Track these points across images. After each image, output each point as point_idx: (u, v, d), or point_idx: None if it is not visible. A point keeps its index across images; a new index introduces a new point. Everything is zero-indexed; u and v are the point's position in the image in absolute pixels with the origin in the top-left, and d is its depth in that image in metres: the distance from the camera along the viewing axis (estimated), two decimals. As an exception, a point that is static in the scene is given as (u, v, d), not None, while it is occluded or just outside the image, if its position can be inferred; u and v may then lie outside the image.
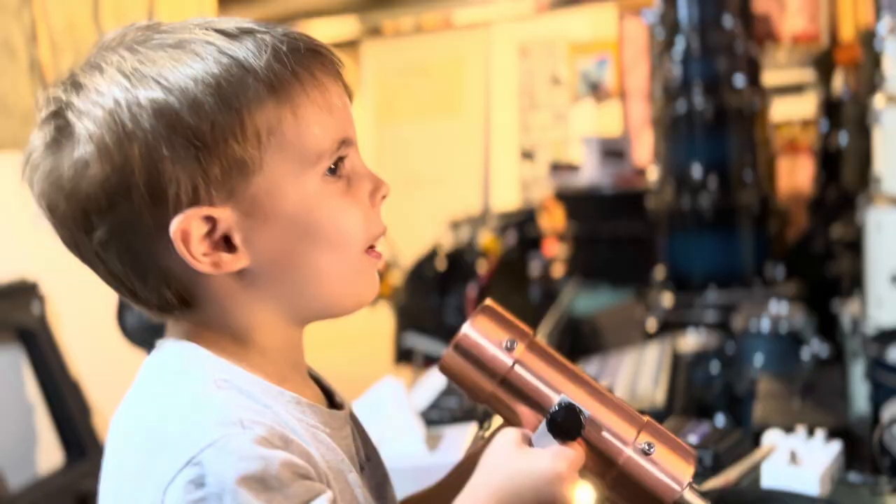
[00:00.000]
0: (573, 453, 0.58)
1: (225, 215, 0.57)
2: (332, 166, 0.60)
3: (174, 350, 0.60)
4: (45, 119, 0.58)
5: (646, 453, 0.58)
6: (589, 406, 0.59)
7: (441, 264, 3.64)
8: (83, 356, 2.41)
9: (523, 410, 0.60)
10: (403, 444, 1.15)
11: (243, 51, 0.57)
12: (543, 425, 0.59)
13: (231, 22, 0.59)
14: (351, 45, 6.37)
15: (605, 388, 0.62)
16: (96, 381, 2.39)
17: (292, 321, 0.63)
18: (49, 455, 2.30)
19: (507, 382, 0.60)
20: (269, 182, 0.57)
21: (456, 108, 5.88)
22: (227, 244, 0.58)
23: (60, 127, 0.57)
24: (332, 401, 0.69)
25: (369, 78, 6.26)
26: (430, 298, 3.57)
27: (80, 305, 2.05)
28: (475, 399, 0.62)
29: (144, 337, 1.24)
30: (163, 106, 0.55)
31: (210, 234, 0.57)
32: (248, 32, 0.58)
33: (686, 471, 0.59)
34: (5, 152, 2.21)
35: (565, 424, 0.58)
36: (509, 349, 0.60)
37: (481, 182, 5.74)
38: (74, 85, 0.57)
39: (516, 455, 0.58)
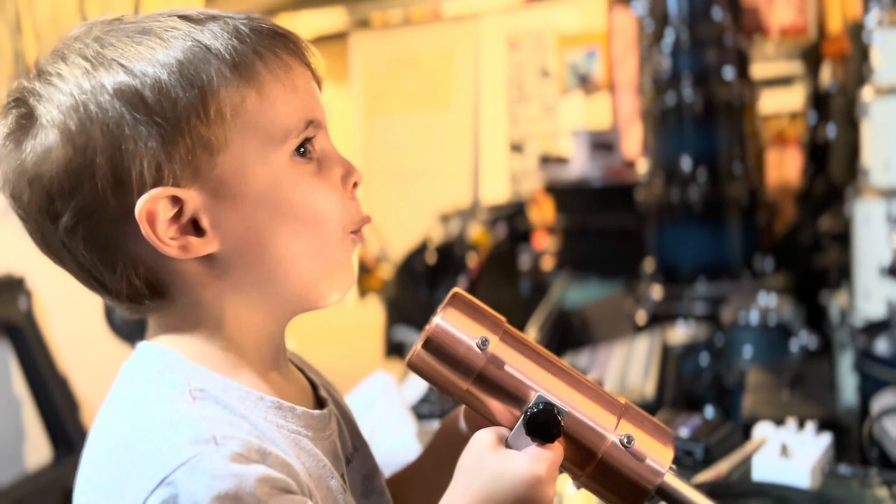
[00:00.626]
0: (551, 454, 0.57)
1: (191, 196, 0.56)
2: (302, 148, 0.60)
3: (151, 355, 0.59)
4: (7, 107, 0.58)
5: (626, 445, 0.57)
6: (566, 398, 0.58)
7: (431, 258, 3.64)
8: (70, 351, 2.39)
9: (498, 407, 0.58)
10: (395, 438, 1.14)
11: (206, 33, 0.57)
12: (520, 425, 0.57)
13: (195, 10, 0.59)
14: (339, 37, 6.34)
15: (580, 373, 0.60)
16: (84, 376, 2.38)
17: (270, 314, 0.61)
18: (37, 450, 2.28)
19: (482, 379, 0.58)
20: (236, 161, 0.57)
21: (445, 101, 5.87)
22: (196, 229, 0.57)
23: (24, 114, 0.57)
24: (316, 394, 0.68)
25: (358, 70, 6.23)
26: (421, 292, 3.57)
27: (67, 301, 2.03)
28: (448, 395, 0.60)
29: (133, 333, 1.23)
30: (124, 87, 0.55)
31: (178, 217, 0.56)
32: (211, 18, 0.59)
33: (666, 456, 0.58)
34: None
35: (543, 426, 0.56)
36: (483, 346, 0.57)
37: (471, 175, 5.74)
38: (39, 73, 0.57)
39: (493, 458, 0.57)
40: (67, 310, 2.30)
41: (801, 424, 1.09)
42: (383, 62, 6.14)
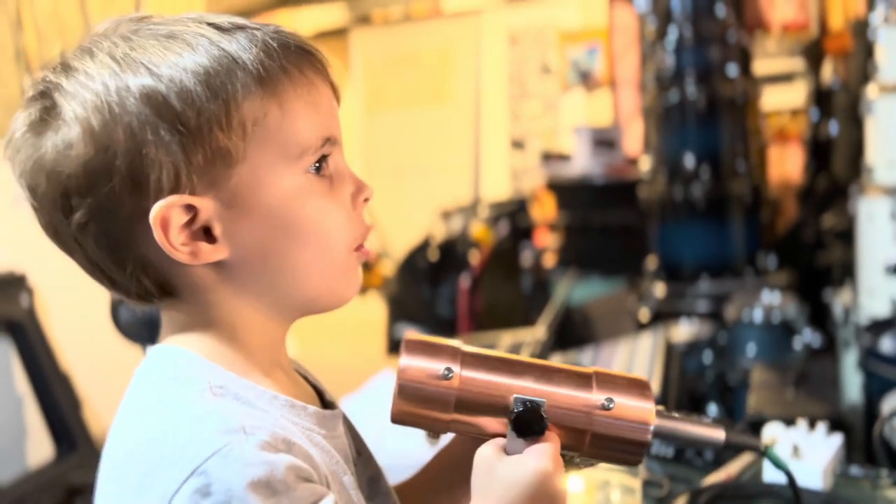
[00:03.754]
0: (548, 445, 0.59)
1: (206, 205, 0.57)
2: (317, 164, 0.60)
3: (168, 356, 0.60)
4: (31, 99, 0.58)
5: (607, 408, 0.60)
6: (540, 391, 0.61)
7: (433, 255, 3.64)
8: (72, 348, 2.38)
9: (485, 422, 0.61)
10: (404, 439, 1.14)
11: (234, 44, 0.57)
12: (510, 431, 0.60)
13: (224, 17, 0.59)
14: (339, 33, 6.33)
15: (545, 362, 0.63)
16: (86, 374, 2.37)
17: (275, 317, 0.62)
18: (39, 448, 2.28)
19: (461, 405, 0.61)
20: (252, 173, 0.57)
21: (445, 97, 5.86)
22: (207, 235, 0.58)
23: (47, 107, 0.57)
24: (322, 399, 0.69)
25: (358, 66, 6.22)
26: (423, 289, 3.57)
27: (69, 297, 2.03)
28: (438, 432, 0.63)
29: (139, 332, 1.23)
30: (150, 91, 0.55)
31: (190, 223, 0.57)
32: (240, 28, 0.59)
33: (648, 406, 0.62)
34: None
35: (529, 423, 0.59)
36: (447, 377, 0.60)
37: (472, 172, 5.73)
38: (64, 67, 0.57)
39: (501, 468, 0.59)
40: (69, 307, 2.30)
41: (812, 425, 1.08)
42: (384, 58, 6.13)
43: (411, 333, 0.65)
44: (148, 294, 0.59)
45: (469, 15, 5.74)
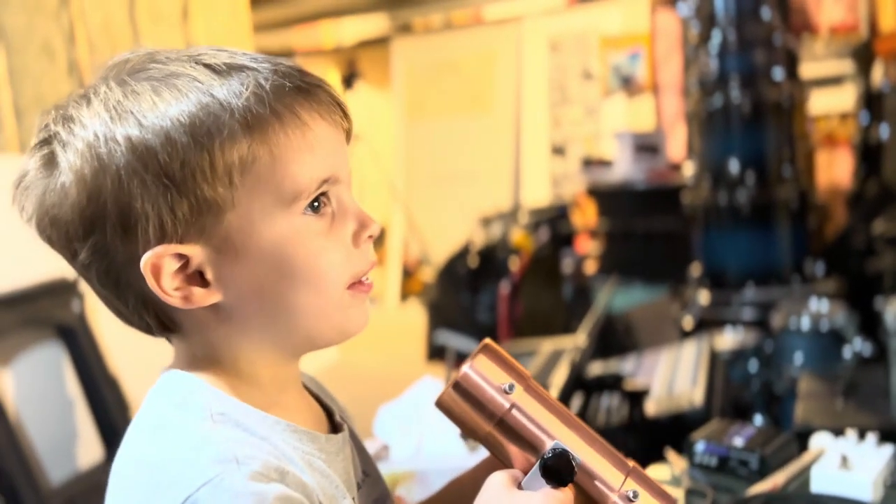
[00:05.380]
0: (563, 496, 0.59)
1: (196, 252, 0.58)
2: (315, 203, 0.60)
3: (174, 381, 0.61)
4: (36, 146, 0.60)
5: (630, 500, 0.61)
6: (580, 451, 0.61)
7: (473, 261, 3.64)
8: (121, 353, 2.44)
9: (516, 452, 0.62)
10: (443, 444, 1.14)
11: (225, 89, 0.57)
12: (536, 468, 0.60)
13: (223, 55, 0.59)
14: (381, 42, 6.38)
15: (594, 432, 0.64)
16: (133, 377, 2.42)
17: (278, 354, 0.63)
18: (88, 450, 2.33)
19: (504, 424, 0.62)
20: (242, 219, 0.58)
21: (486, 104, 5.86)
22: (202, 278, 0.59)
23: (47, 156, 0.59)
24: (331, 420, 0.69)
25: (400, 75, 6.26)
26: (462, 296, 3.57)
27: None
28: (469, 436, 0.64)
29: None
30: (137, 143, 0.56)
31: (183, 268, 0.58)
32: (236, 68, 0.58)
33: None
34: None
35: (558, 470, 0.59)
36: (507, 392, 0.61)
37: (512, 178, 5.72)
38: (64, 116, 0.59)
39: (507, 497, 0.59)
40: (118, 312, 2.34)
41: (862, 435, 1.06)
42: (425, 66, 6.16)
43: (491, 341, 0.65)
44: (151, 329, 0.61)
45: (510, 22, 5.74)
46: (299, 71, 0.60)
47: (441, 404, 0.63)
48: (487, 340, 0.65)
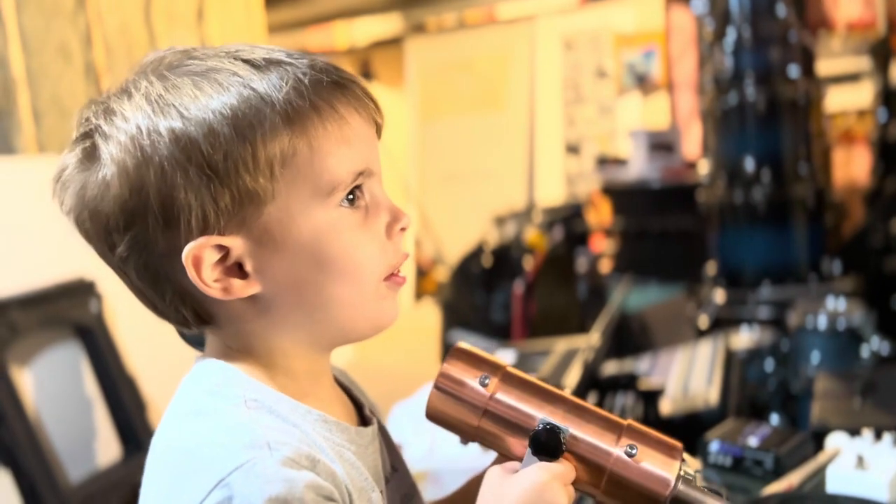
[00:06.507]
0: (555, 465, 0.59)
1: (236, 244, 0.58)
2: (350, 196, 0.61)
3: (209, 369, 0.62)
4: (77, 140, 0.61)
5: (629, 455, 0.60)
6: (568, 421, 0.62)
7: (487, 261, 3.64)
8: (139, 353, 2.46)
9: (512, 441, 0.62)
10: (455, 444, 1.14)
11: (265, 83, 0.58)
12: (529, 450, 0.61)
13: (261, 51, 0.60)
14: (395, 42, 6.40)
15: (582, 400, 0.64)
16: (151, 377, 2.44)
17: (313, 346, 0.64)
18: (107, 449, 2.35)
19: (490, 415, 0.63)
20: (282, 212, 0.59)
21: (500, 103, 5.86)
22: (240, 269, 0.59)
23: (88, 149, 0.59)
24: (361, 414, 0.70)
25: (413, 74, 6.27)
26: (477, 295, 3.57)
27: (136, 304, 2.09)
28: (466, 437, 0.65)
29: (201, 338, 1.26)
30: (180, 135, 0.56)
31: (223, 260, 0.59)
32: (274, 63, 0.59)
33: (671, 465, 0.61)
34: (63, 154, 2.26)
35: (547, 443, 0.60)
36: (484, 383, 0.63)
37: (526, 177, 5.71)
38: (105, 110, 0.60)
39: (504, 484, 0.59)
40: (136, 313, 2.36)
41: (878, 435, 1.05)
42: (439, 66, 6.16)
43: (462, 343, 0.66)
44: (187, 322, 0.62)
45: (523, 20, 5.73)
46: (334, 67, 0.62)
47: (430, 415, 0.64)
48: (458, 343, 0.66)
